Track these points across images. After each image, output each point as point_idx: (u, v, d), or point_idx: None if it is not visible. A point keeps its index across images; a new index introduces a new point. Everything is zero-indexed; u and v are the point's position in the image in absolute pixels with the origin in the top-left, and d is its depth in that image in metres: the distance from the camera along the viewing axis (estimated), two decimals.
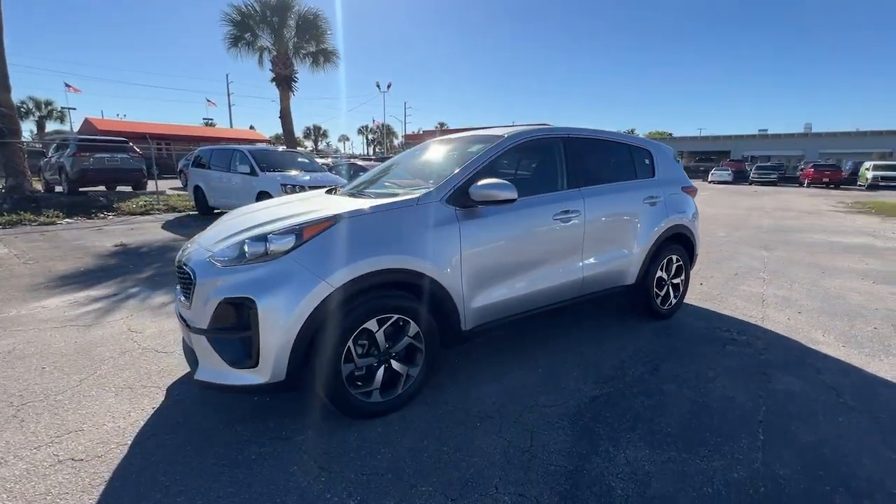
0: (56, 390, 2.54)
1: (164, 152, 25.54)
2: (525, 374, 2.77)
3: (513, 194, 2.37)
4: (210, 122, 50.64)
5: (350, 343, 2.09)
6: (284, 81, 15.00)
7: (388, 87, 43.14)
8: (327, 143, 76.05)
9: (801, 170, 31.24)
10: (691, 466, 1.92)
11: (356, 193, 2.97)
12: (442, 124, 70.69)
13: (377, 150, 71.35)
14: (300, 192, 8.20)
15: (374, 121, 55.94)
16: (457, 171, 2.54)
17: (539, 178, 2.91)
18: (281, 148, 10.96)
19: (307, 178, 8.65)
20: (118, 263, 5.59)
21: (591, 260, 3.07)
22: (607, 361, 2.94)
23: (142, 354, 3.02)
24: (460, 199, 2.45)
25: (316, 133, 72.00)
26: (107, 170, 11.98)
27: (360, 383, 2.20)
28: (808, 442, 2.11)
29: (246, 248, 2.07)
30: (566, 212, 2.86)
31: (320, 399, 2.16)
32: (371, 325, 2.14)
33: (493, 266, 2.55)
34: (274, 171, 8.75)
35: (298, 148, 14.51)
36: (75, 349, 3.08)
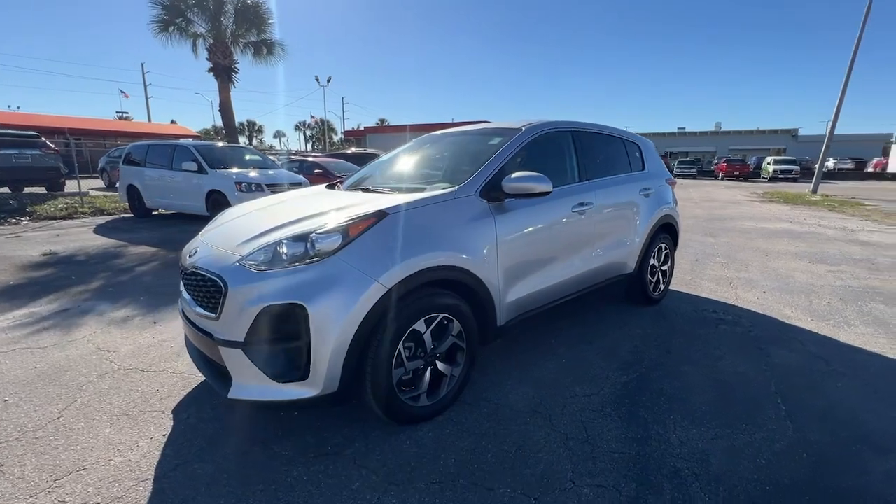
0: (33, 426, 2.15)
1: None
2: (550, 364, 2.80)
3: (548, 187, 2.37)
4: (125, 115, 45.83)
5: (400, 346, 1.97)
6: (224, 72, 13.84)
7: (329, 81, 41.63)
8: (261, 140, 71.98)
9: (716, 164, 34.61)
10: (738, 441, 2.04)
11: (370, 188, 2.80)
12: (382, 120, 69.54)
13: (316, 146, 68.67)
14: (258, 190, 7.69)
15: (311, 116, 53.68)
16: (485, 164, 2.49)
17: (555, 171, 2.93)
18: (219, 143, 10.12)
19: (264, 175, 8.12)
20: (54, 275, 4.87)
21: (602, 250, 3.16)
22: (621, 347, 3.05)
23: (126, 376, 2.66)
24: (491, 192, 2.41)
25: (251, 128, 67.85)
26: (16, 168, 10.41)
27: (405, 388, 2.09)
28: (822, 407, 2.32)
29: (284, 250, 1.88)
30: (582, 203, 2.92)
31: (369, 408, 2.02)
32: (419, 325, 2.04)
33: (524, 259, 2.54)
34: (225, 168, 8.11)
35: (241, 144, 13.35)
36: (38, 376, 2.64)
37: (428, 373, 2.14)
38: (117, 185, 10.08)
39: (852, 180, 30.03)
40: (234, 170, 8.08)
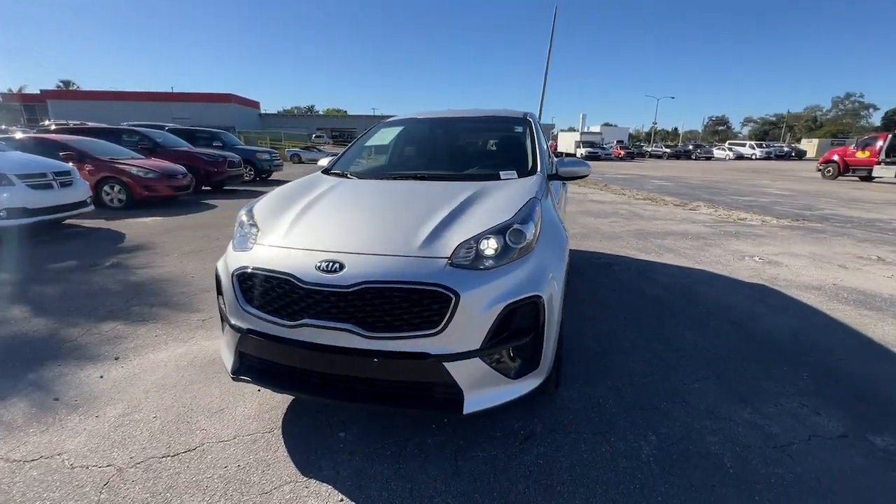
0: None
1: None
2: (581, 323, 3.34)
3: (589, 170, 2.86)
4: None
5: None
6: None
7: None
8: None
9: None
10: (718, 332, 3.14)
11: (425, 175, 2.62)
12: (68, 83, 51.05)
13: None
14: (3, 185, 5.11)
15: None
16: (539, 151, 2.80)
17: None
18: None
19: (6, 161, 5.38)
20: None
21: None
22: (595, 297, 3.88)
23: (151, 473, 1.80)
24: (550, 175, 2.74)
25: None
26: None
27: None
28: (714, 303, 3.72)
29: (492, 244, 1.77)
30: None
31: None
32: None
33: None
34: None
35: None
36: None
37: None
38: None
39: None
40: None
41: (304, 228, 1.99)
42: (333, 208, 2.19)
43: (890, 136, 17.87)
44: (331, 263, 1.72)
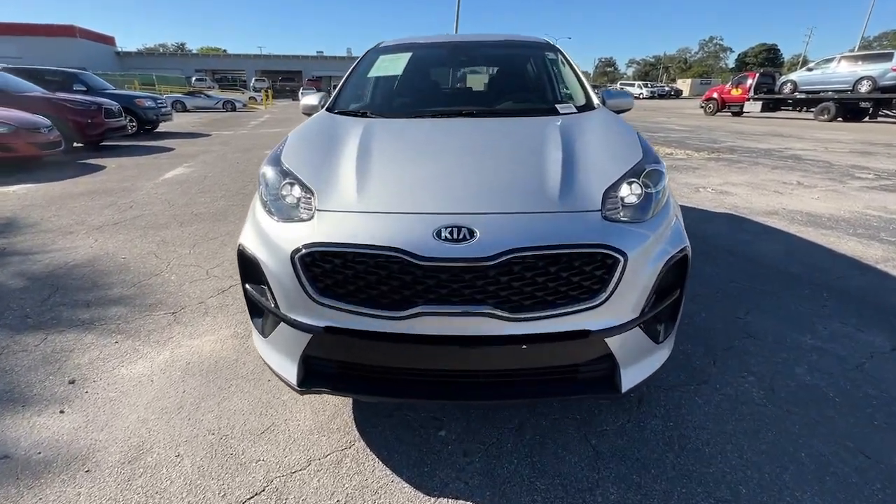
0: None
1: None
2: None
3: (633, 103, 2.60)
4: None
5: None
6: None
7: None
8: None
9: None
10: (758, 259, 3.26)
11: (473, 112, 2.15)
12: None
13: None
14: None
15: None
16: (585, 82, 2.45)
17: None
18: None
19: None
20: None
21: None
22: None
23: None
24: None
25: None
26: None
27: None
28: (712, 235, 3.89)
29: (636, 190, 1.47)
30: None
31: None
32: None
33: None
34: None
35: None
36: None
37: None
38: None
39: None
40: None
41: (383, 184, 1.48)
42: (400, 156, 1.68)
43: (758, 74, 20.42)
44: (456, 230, 1.28)
